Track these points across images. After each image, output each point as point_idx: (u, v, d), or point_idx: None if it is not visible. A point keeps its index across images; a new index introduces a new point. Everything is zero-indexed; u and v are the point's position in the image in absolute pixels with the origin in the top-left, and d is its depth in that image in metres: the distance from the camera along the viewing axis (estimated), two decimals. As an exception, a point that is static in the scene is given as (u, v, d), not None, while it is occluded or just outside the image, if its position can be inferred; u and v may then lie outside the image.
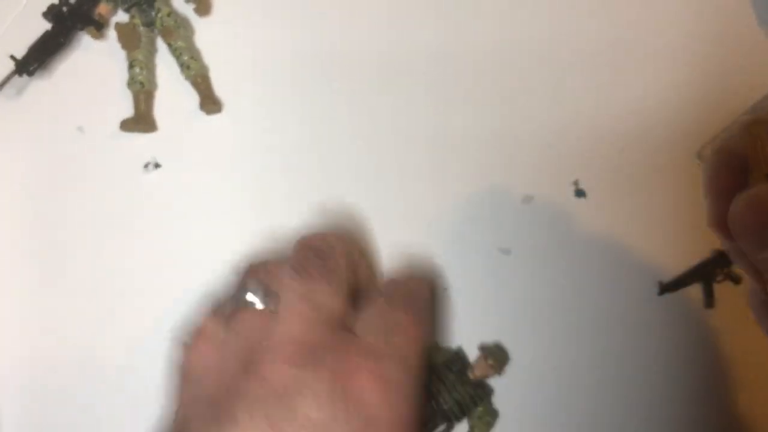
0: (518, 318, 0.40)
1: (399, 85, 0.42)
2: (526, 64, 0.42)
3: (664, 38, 0.41)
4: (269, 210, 0.41)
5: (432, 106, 0.42)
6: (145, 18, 0.43)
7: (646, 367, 0.39)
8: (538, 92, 0.41)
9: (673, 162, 0.40)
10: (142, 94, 0.42)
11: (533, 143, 0.41)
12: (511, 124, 0.41)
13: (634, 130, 0.41)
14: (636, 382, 0.39)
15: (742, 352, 0.38)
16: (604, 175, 0.40)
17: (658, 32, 0.41)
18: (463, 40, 0.42)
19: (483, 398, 0.39)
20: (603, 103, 0.41)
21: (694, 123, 0.40)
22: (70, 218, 0.42)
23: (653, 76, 0.41)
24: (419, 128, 0.42)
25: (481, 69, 0.42)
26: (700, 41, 0.41)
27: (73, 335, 0.41)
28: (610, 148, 0.41)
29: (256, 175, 0.42)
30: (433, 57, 0.42)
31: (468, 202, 0.41)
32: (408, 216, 0.41)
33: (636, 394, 0.39)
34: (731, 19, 0.41)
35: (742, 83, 0.40)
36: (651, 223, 0.40)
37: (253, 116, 0.43)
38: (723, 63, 0.41)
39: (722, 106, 0.40)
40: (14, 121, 0.44)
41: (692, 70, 0.41)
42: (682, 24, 0.41)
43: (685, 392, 0.39)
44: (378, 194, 0.41)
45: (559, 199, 0.40)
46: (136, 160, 0.43)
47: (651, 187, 0.40)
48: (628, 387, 0.39)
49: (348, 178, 0.42)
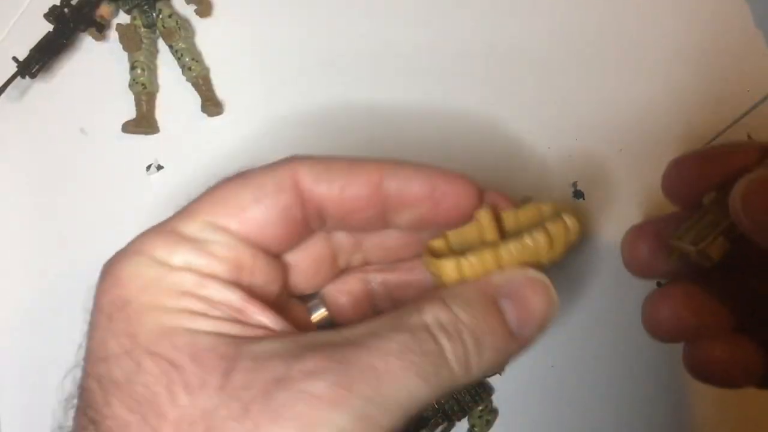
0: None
1: (399, 85, 0.42)
2: (525, 64, 0.42)
3: (663, 39, 0.41)
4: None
5: (431, 106, 0.42)
6: (146, 19, 0.43)
7: (646, 367, 0.39)
8: (537, 93, 0.41)
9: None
10: (143, 95, 0.42)
11: (532, 144, 0.41)
12: (510, 125, 0.41)
13: (632, 131, 0.41)
14: (636, 382, 0.39)
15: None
16: (603, 176, 0.41)
17: (656, 33, 0.41)
18: (463, 40, 0.42)
19: (483, 397, 0.39)
20: (602, 103, 0.41)
21: (693, 123, 0.40)
22: (72, 220, 0.43)
23: (651, 76, 0.41)
24: (419, 128, 0.42)
25: (481, 69, 0.42)
26: (698, 42, 0.41)
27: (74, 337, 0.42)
28: (608, 148, 0.41)
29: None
30: (432, 57, 0.42)
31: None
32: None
33: (636, 394, 0.39)
34: (729, 20, 0.41)
35: (740, 84, 0.40)
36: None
37: (254, 118, 0.43)
38: (721, 63, 0.41)
39: (720, 107, 0.40)
40: (17, 123, 0.44)
41: (690, 70, 0.41)
42: (680, 25, 0.41)
43: (684, 392, 0.39)
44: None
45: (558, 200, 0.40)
46: (138, 161, 0.43)
47: (650, 188, 0.40)
48: (627, 387, 0.39)
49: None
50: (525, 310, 0.25)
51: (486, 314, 0.25)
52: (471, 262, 0.25)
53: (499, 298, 0.25)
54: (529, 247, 0.25)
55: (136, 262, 0.25)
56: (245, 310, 0.24)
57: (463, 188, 0.27)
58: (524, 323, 0.25)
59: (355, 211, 0.27)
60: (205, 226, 0.25)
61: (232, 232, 0.25)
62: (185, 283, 0.24)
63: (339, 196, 0.26)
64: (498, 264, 0.25)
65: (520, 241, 0.25)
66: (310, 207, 0.26)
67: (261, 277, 0.26)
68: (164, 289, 0.24)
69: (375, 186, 0.27)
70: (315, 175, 0.26)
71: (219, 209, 0.25)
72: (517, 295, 0.25)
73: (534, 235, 0.25)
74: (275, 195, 0.26)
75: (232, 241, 0.25)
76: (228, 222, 0.25)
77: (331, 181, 0.26)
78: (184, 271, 0.24)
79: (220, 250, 0.25)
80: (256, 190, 0.26)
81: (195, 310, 0.24)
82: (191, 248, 0.24)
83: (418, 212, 0.27)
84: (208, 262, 0.24)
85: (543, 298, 0.26)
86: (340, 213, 0.27)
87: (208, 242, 0.25)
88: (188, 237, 0.25)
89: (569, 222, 0.26)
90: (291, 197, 0.26)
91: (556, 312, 0.26)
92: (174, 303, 0.23)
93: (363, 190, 0.26)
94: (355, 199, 0.26)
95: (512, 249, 0.25)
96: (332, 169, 0.26)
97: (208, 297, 0.24)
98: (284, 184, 0.26)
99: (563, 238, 0.26)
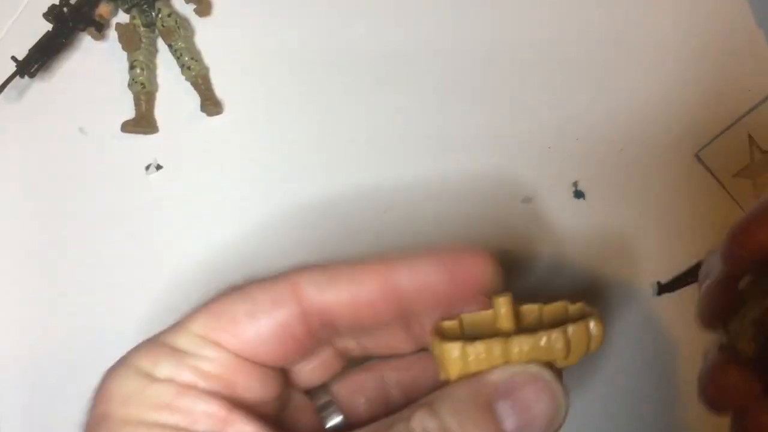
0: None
1: (399, 85, 0.42)
2: (526, 64, 0.42)
3: (664, 38, 0.41)
4: (270, 211, 0.42)
5: (432, 106, 0.42)
6: (145, 19, 0.43)
7: (646, 367, 0.39)
8: (538, 93, 0.41)
9: (672, 162, 0.40)
10: (143, 95, 0.42)
11: (533, 144, 0.41)
12: (511, 124, 0.41)
13: (633, 131, 0.41)
14: (635, 381, 0.39)
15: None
16: (604, 176, 0.40)
17: (657, 33, 0.41)
18: (463, 40, 0.42)
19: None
20: (602, 103, 0.41)
21: (694, 123, 0.40)
22: (71, 220, 0.42)
23: (652, 76, 0.41)
24: (419, 128, 0.42)
25: (481, 69, 0.42)
26: (699, 41, 0.41)
27: (73, 335, 0.42)
28: (609, 148, 0.41)
29: (258, 176, 0.42)
30: (433, 57, 0.42)
31: (468, 203, 0.41)
32: (408, 216, 0.41)
33: (635, 394, 0.39)
34: (730, 19, 0.41)
35: (742, 83, 0.40)
36: (650, 223, 0.40)
37: (254, 117, 0.43)
38: (722, 63, 0.41)
39: (721, 107, 0.40)
40: (15, 123, 0.44)
41: (691, 70, 0.41)
42: (681, 24, 0.41)
43: (684, 392, 0.39)
44: (378, 194, 0.41)
45: (558, 200, 0.40)
46: (137, 161, 0.43)
47: (650, 188, 0.40)
48: (627, 387, 0.39)
49: (349, 178, 0.42)
50: (525, 414, 0.23)
51: (478, 421, 0.22)
52: (477, 350, 0.23)
53: (497, 399, 0.23)
54: (543, 348, 0.23)
55: (122, 375, 0.24)
56: (229, 421, 0.23)
57: (481, 266, 0.25)
58: (525, 430, 0.23)
59: (371, 316, 0.25)
60: (196, 340, 0.24)
61: (225, 347, 0.24)
62: (166, 395, 0.23)
63: (350, 303, 0.25)
64: (506, 359, 0.23)
65: (535, 337, 0.23)
66: (315, 320, 0.25)
67: (258, 390, 0.25)
68: (144, 402, 0.23)
69: (389, 286, 0.25)
70: (319, 286, 0.25)
71: (212, 323, 0.24)
72: (516, 397, 0.23)
73: (551, 335, 0.23)
74: (271, 310, 0.24)
75: (223, 356, 0.24)
76: (220, 336, 0.24)
77: (338, 291, 0.25)
78: (167, 383, 0.23)
79: (209, 365, 0.24)
80: (250, 304, 0.25)
81: (173, 423, 0.23)
82: (178, 360, 0.24)
83: (437, 301, 0.25)
84: (193, 375, 0.24)
85: (546, 401, 0.23)
86: (353, 320, 0.25)
87: (197, 356, 0.24)
88: (177, 349, 0.24)
89: (594, 328, 0.24)
90: (289, 312, 0.25)
91: (562, 417, 0.23)
92: (152, 416, 0.23)
93: (375, 292, 0.25)
94: (369, 304, 0.25)
95: (524, 345, 0.23)
96: (337, 276, 0.25)
97: (187, 408, 0.23)
98: (281, 298, 0.25)
99: (584, 344, 0.23)
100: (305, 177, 0.42)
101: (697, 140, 0.40)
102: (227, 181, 0.42)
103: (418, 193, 0.41)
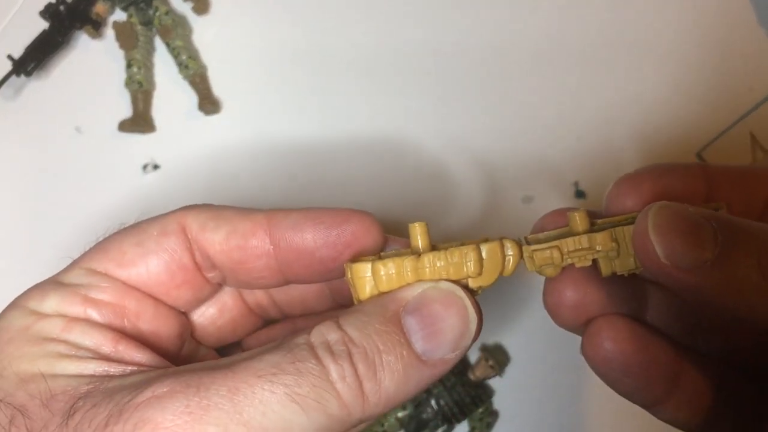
0: (518, 319, 0.40)
1: (398, 85, 0.42)
2: (526, 64, 0.42)
3: (664, 38, 0.41)
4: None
5: (431, 105, 0.42)
6: (142, 17, 0.42)
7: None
8: (539, 93, 0.41)
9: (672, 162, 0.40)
10: (140, 93, 0.42)
11: (533, 143, 0.41)
12: (512, 124, 0.41)
13: (634, 131, 0.40)
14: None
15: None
16: (604, 176, 0.40)
17: (658, 32, 0.41)
18: (462, 40, 0.42)
19: (483, 399, 0.39)
20: (603, 103, 0.41)
21: (694, 123, 0.40)
22: (68, 219, 0.42)
23: (653, 76, 0.41)
24: (419, 128, 0.42)
25: (482, 69, 0.42)
26: (700, 41, 0.41)
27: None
28: (609, 148, 0.40)
29: (255, 175, 0.42)
30: (432, 57, 0.42)
31: (468, 202, 0.41)
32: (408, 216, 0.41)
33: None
34: (731, 19, 0.41)
35: (743, 83, 0.40)
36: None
37: (251, 116, 0.42)
38: (723, 63, 0.41)
39: (723, 106, 0.40)
40: (12, 121, 0.44)
41: (692, 69, 0.41)
42: (682, 24, 0.41)
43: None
44: (377, 194, 0.41)
45: (559, 200, 0.40)
46: (134, 160, 0.43)
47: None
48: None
49: (347, 178, 0.41)
50: (433, 328, 0.22)
51: (384, 333, 0.22)
52: (387, 267, 0.23)
53: (405, 315, 0.22)
54: (455, 264, 0.23)
55: (10, 316, 0.24)
56: (117, 349, 0.24)
57: (365, 227, 0.25)
58: (433, 344, 0.22)
59: (243, 262, 0.25)
60: (84, 273, 0.25)
61: (114, 277, 0.25)
62: (51, 329, 0.24)
63: (224, 244, 0.25)
64: (418, 277, 0.23)
65: (446, 252, 0.23)
66: (201, 256, 0.26)
67: (150, 323, 0.25)
68: (29, 338, 0.23)
69: (262, 234, 0.25)
70: (201, 222, 0.25)
71: (100, 255, 0.25)
72: (425, 312, 0.22)
73: (463, 250, 0.23)
74: (158, 240, 0.25)
75: (112, 285, 0.25)
76: (108, 267, 0.25)
77: (217, 229, 0.25)
78: (53, 317, 0.24)
79: (98, 293, 0.24)
80: (139, 235, 0.25)
81: (59, 353, 0.23)
82: (64, 294, 0.24)
83: (318, 261, 0.25)
84: (79, 307, 0.24)
85: (456, 315, 0.22)
86: (228, 263, 0.26)
87: (83, 287, 0.24)
88: (64, 284, 0.25)
89: (510, 249, 0.24)
90: (176, 242, 0.25)
91: (472, 331, 0.23)
92: (36, 350, 0.23)
93: (249, 238, 0.25)
94: (241, 248, 0.25)
95: (435, 260, 0.23)
96: (219, 216, 0.26)
97: (73, 340, 0.23)
98: (168, 229, 0.25)
99: (497, 263, 0.23)
100: (303, 176, 0.42)
101: (699, 139, 0.40)
102: (225, 181, 0.42)
103: (417, 192, 0.41)
